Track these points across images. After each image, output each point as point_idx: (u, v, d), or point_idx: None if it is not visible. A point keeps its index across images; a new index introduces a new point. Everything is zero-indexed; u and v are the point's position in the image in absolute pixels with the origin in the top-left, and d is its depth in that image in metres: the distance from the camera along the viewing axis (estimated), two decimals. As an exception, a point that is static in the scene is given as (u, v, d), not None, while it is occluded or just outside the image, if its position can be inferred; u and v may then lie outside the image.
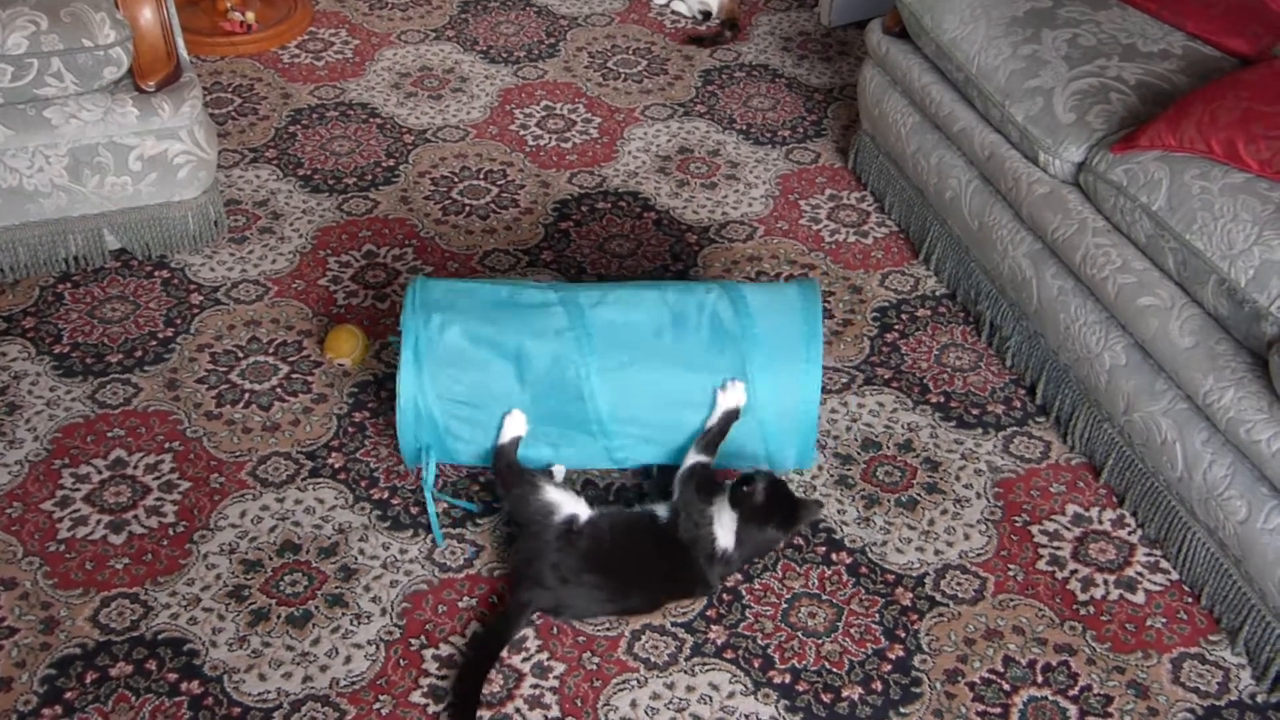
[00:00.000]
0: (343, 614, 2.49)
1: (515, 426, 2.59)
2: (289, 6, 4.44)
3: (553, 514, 2.50)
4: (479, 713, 2.32)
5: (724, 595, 2.57)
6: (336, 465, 2.80)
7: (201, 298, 3.24)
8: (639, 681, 2.41)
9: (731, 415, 2.59)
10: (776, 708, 2.37)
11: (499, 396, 2.59)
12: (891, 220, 3.67)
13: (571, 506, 2.52)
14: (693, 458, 2.59)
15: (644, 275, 3.39)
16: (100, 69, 3.00)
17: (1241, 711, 2.41)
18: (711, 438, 2.59)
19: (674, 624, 2.51)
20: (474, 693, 2.35)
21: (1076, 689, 2.43)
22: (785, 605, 2.56)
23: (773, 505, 2.48)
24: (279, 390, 2.98)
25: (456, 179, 3.74)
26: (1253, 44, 2.96)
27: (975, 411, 3.04)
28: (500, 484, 2.61)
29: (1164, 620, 2.57)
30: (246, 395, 2.96)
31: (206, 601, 2.50)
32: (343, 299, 3.26)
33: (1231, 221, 2.48)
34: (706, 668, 2.44)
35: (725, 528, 2.48)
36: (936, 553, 2.69)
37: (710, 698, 2.38)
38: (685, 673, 2.43)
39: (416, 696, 2.35)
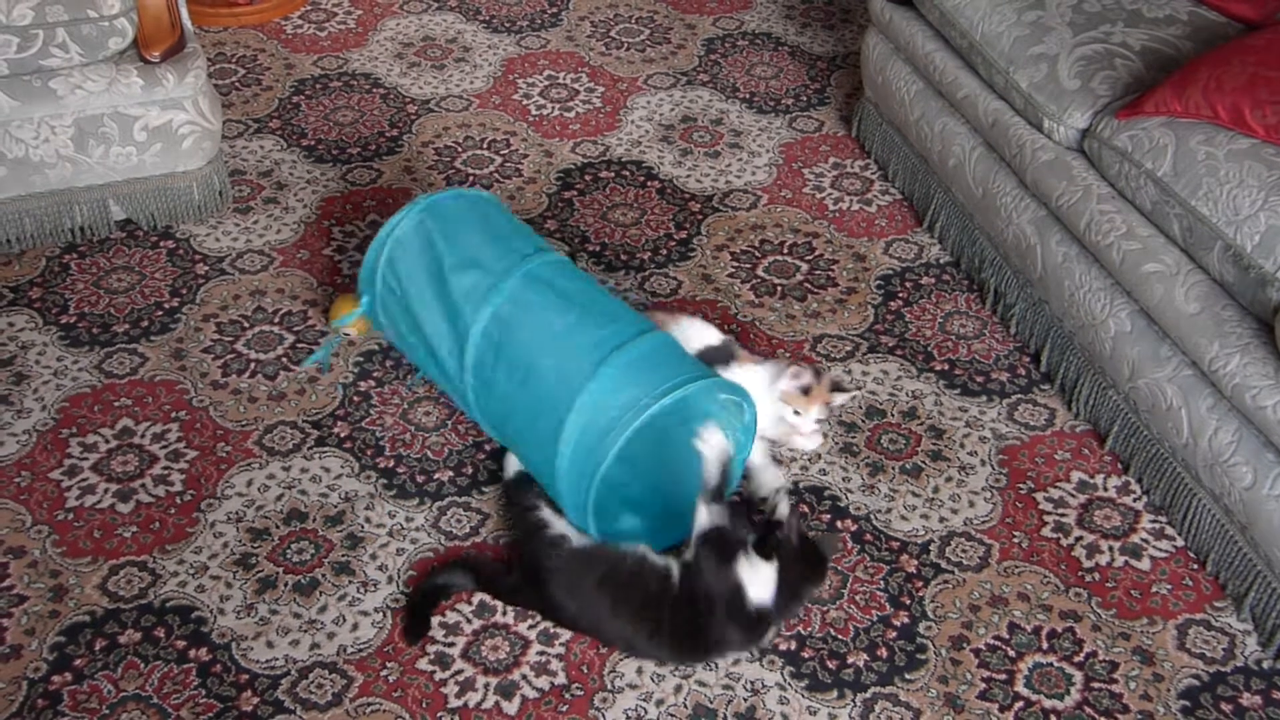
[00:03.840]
0: (349, 581, 2.50)
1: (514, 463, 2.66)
2: (291, -24, 4.43)
3: (545, 528, 2.47)
4: (485, 680, 2.34)
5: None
6: (342, 434, 2.80)
7: (207, 268, 3.24)
8: (645, 648, 2.42)
9: (726, 458, 2.37)
10: (782, 674, 2.38)
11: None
12: (895, 188, 3.66)
13: (561, 527, 2.46)
14: (706, 518, 2.32)
15: (646, 244, 3.39)
16: (105, 40, 3.00)
17: (1247, 677, 2.42)
18: (716, 490, 2.35)
19: (680, 591, 2.52)
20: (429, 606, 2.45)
21: (1082, 655, 2.44)
22: (791, 572, 2.57)
23: (805, 545, 2.32)
24: (284, 359, 2.98)
25: (460, 149, 3.73)
26: (1258, 9, 2.95)
27: (979, 379, 3.04)
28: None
29: (1169, 587, 2.58)
30: (252, 364, 2.97)
31: (214, 569, 2.51)
32: (347, 269, 3.26)
33: (1237, 187, 2.47)
34: (712, 634, 2.45)
35: (760, 583, 2.29)
36: (941, 520, 2.69)
37: (716, 664, 2.39)
38: (691, 639, 2.43)
39: (423, 664, 2.36)
